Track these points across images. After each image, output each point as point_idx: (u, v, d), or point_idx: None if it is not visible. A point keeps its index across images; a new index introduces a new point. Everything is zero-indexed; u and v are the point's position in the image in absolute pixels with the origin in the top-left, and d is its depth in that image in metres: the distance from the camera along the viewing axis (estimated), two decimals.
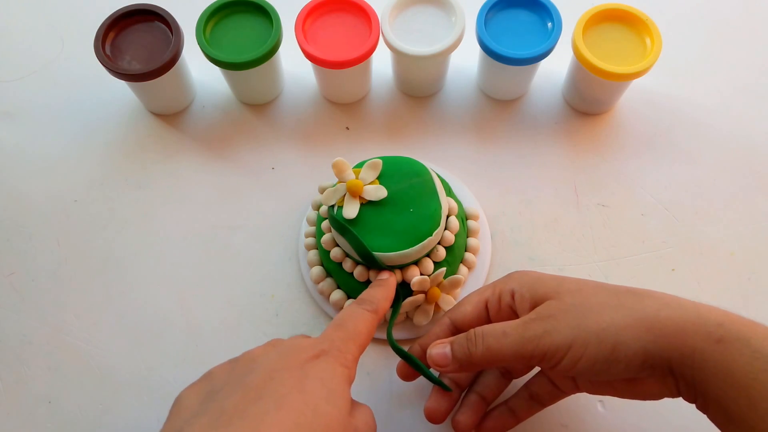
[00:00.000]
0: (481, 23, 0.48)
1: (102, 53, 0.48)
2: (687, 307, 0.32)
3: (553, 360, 0.33)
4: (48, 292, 0.48)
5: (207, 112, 0.54)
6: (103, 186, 0.51)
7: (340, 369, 0.32)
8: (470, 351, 0.35)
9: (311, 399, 0.29)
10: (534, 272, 0.38)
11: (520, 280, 0.37)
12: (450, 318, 0.39)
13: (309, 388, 0.30)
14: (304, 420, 0.28)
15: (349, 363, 0.32)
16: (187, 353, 0.46)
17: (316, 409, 0.29)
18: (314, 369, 0.31)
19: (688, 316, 0.31)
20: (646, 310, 0.32)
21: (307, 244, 0.47)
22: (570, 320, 0.33)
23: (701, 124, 0.53)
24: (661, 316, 0.32)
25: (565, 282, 0.35)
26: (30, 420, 0.44)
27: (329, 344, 0.33)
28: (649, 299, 0.33)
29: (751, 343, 0.30)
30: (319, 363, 0.31)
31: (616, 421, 0.43)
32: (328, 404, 0.30)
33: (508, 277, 0.38)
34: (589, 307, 0.33)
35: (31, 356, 0.46)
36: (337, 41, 0.49)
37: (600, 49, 0.48)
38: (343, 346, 0.33)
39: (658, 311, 0.32)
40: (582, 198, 0.50)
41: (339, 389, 0.31)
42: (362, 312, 0.36)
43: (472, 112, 0.54)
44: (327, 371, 0.31)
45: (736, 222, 0.49)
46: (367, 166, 0.43)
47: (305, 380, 0.30)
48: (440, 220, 0.42)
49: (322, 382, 0.30)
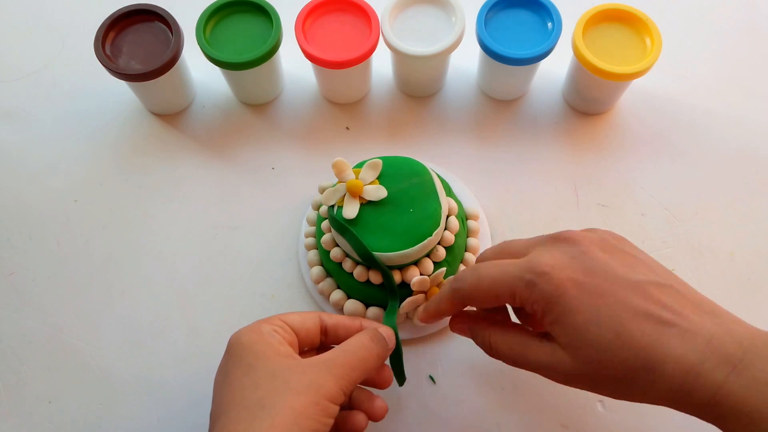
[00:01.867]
0: (481, 23, 0.48)
1: (102, 53, 0.48)
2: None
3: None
4: (48, 292, 0.48)
5: (207, 112, 0.54)
6: (103, 186, 0.51)
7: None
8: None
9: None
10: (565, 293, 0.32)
11: (544, 299, 0.32)
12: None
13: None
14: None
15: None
16: (187, 353, 0.46)
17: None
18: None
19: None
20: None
21: (307, 244, 0.47)
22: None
23: (701, 124, 0.53)
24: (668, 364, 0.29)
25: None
26: (30, 420, 0.44)
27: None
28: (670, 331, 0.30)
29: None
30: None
31: (616, 421, 0.43)
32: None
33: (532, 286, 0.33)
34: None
35: (31, 356, 0.46)
36: (337, 41, 0.49)
37: (600, 49, 0.48)
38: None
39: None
40: (582, 198, 0.50)
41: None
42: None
43: (472, 112, 0.54)
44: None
45: (736, 222, 0.49)
46: (367, 166, 0.43)
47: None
48: (440, 220, 0.42)
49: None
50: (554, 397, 0.44)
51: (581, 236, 0.33)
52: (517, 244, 0.37)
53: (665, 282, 0.32)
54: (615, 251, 0.33)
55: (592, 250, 0.32)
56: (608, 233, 0.35)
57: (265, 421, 0.31)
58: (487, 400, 0.44)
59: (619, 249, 0.33)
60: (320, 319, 0.38)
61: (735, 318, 0.31)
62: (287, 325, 0.36)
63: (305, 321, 0.37)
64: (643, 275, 0.31)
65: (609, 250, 0.33)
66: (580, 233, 0.34)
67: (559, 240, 0.33)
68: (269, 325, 0.36)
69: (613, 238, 0.35)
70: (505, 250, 0.37)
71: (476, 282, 0.34)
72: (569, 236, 0.33)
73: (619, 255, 0.33)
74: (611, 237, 0.35)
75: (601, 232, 0.35)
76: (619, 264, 0.32)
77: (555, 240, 0.33)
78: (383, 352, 0.37)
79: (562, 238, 0.33)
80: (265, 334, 0.35)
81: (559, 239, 0.33)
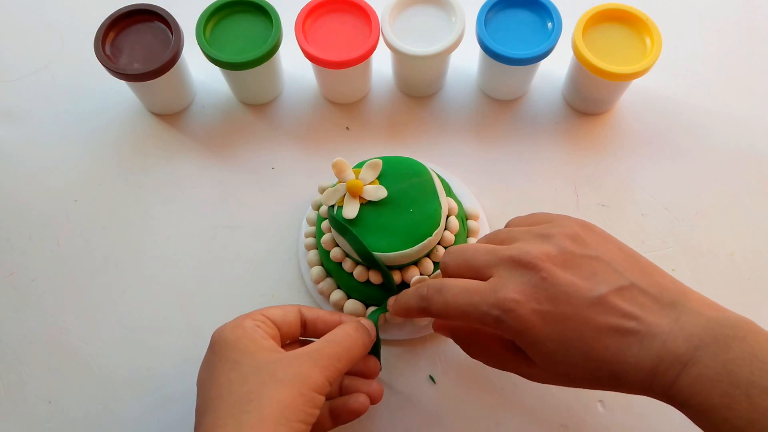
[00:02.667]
0: (481, 23, 0.48)
1: (102, 53, 0.48)
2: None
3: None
4: (48, 292, 0.48)
5: (207, 112, 0.54)
6: (103, 186, 0.51)
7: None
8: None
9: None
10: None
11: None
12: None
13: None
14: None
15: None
16: (187, 353, 0.46)
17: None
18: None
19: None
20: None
21: (307, 244, 0.47)
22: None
23: (701, 124, 0.53)
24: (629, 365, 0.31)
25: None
26: (30, 420, 0.44)
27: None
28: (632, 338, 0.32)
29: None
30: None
31: (616, 421, 0.43)
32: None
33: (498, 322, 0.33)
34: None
35: (31, 356, 0.46)
36: (337, 41, 0.49)
37: (600, 49, 0.48)
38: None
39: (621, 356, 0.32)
40: (582, 198, 0.50)
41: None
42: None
43: (472, 112, 0.54)
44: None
45: (736, 222, 0.49)
46: (367, 166, 0.43)
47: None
48: (440, 220, 0.42)
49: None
50: (554, 397, 0.44)
51: (543, 256, 0.33)
52: (502, 234, 0.38)
53: (626, 283, 0.33)
54: (579, 261, 0.34)
55: (554, 274, 0.33)
56: (579, 225, 0.36)
57: (253, 415, 0.31)
58: (487, 400, 0.44)
59: (583, 255, 0.34)
60: (300, 313, 0.39)
61: (694, 303, 0.32)
62: (269, 320, 0.37)
63: (286, 315, 0.38)
64: (605, 284, 0.33)
65: (572, 261, 0.34)
66: (539, 253, 0.34)
67: (522, 266, 0.34)
68: (252, 320, 0.36)
69: (583, 230, 0.35)
70: (493, 240, 0.38)
71: (443, 307, 0.35)
72: (530, 261, 0.33)
73: (583, 264, 0.34)
74: (581, 229, 0.35)
75: (571, 226, 0.35)
76: (582, 278, 0.33)
77: (518, 265, 0.34)
78: (367, 342, 0.38)
79: (525, 263, 0.33)
80: (249, 330, 0.36)
81: (522, 264, 0.34)
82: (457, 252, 0.37)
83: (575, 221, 0.36)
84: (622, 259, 0.34)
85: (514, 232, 0.37)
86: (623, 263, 0.34)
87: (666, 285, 0.33)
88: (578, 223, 0.36)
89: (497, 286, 0.33)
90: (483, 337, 0.38)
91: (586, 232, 0.35)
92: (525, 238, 0.36)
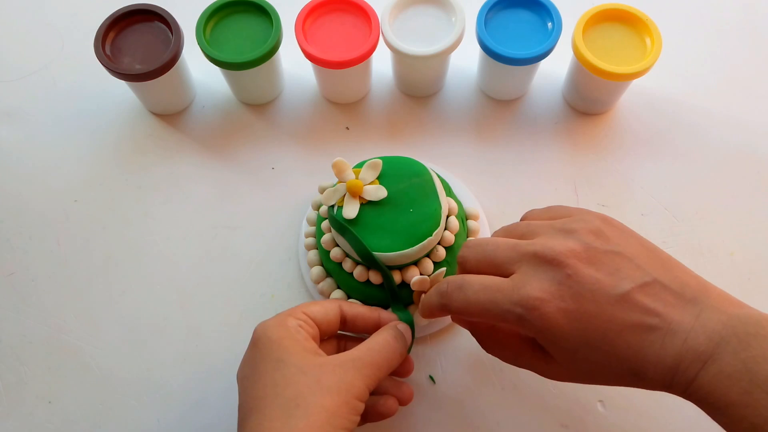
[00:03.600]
0: (481, 23, 0.48)
1: (102, 53, 0.48)
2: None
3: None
4: (48, 292, 0.48)
5: (207, 112, 0.54)
6: (103, 186, 0.51)
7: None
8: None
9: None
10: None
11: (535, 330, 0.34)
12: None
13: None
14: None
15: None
16: (187, 353, 0.46)
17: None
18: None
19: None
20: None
21: (307, 244, 0.47)
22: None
23: (701, 124, 0.53)
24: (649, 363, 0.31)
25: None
26: (30, 420, 0.44)
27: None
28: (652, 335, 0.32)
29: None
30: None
31: (616, 421, 0.43)
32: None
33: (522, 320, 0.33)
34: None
35: (31, 356, 0.46)
36: (337, 41, 0.49)
37: (600, 50, 0.48)
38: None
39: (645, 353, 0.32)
40: (582, 198, 0.50)
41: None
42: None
43: (472, 112, 0.54)
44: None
45: (736, 222, 0.49)
46: (367, 166, 0.43)
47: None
48: (440, 220, 0.42)
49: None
50: (554, 396, 0.44)
51: (567, 252, 0.33)
52: (521, 227, 0.37)
53: (649, 279, 0.33)
54: (602, 257, 0.33)
55: (579, 271, 0.33)
56: (600, 220, 0.35)
57: (301, 420, 0.32)
58: (487, 400, 0.44)
59: (607, 251, 0.33)
60: (341, 310, 0.39)
61: (715, 299, 0.32)
62: (310, 319, 0.38)
63: (327, 313, 0.39)
64: (629, 280, 0.32)
65: (596, 258, 0.33)
66: (564, 249, 0.33)
67: (546, 262, 0.33)
68: (294, 319, 0.37)
69: (605, 224, 0.35)
70: (512, 233, 0.37)
71: (464, 304, 0.35)
72: (555, 257, 0.33)
73: (607, 260, 0.33)
74: (603, 224, 0.35)
75: (593, 220, 0.35)
76: (606, 275, 0.33)
77: (541, 261, 0.33)
78: (405, 350, 0.38)
79: (549, 259, 0.33)
80: (292, 330, 0.36)
81: (547, 261, 0.33)
82: (476, 246, 0.36)
83: (596, 215, 0.36)
84: (644, 254, 0.34)
85: (533, 226, 0.36)
86: (645, 258, 0.34)
87: (687, 281, 0.33)
88: (599, 217, 0.36)
89: (520, 284, 0.33)
90: (501, 333, 0.38)
91: (607, 227, 0.35)
92: (547, 233, 0.35)
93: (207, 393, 0.45)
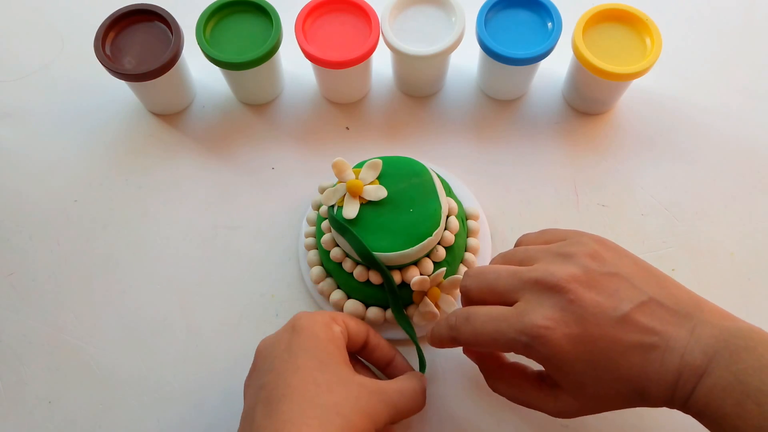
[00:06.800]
0: (481, 23, 0.48)
1: (102, 53, 0.48)
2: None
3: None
4: (48, 292, 0.48)
5: (207, 112, 0.54)
6: (103, 186, 0.51)
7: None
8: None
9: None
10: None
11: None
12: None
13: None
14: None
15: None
16: (187, 353, 0.46)
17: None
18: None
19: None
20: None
21: (307, 244, 0.47)
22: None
23: (701, 124, 0.53)
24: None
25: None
26: (30, 420, 0.44)
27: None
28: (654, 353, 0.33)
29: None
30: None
31: (616, 422, 0.43)
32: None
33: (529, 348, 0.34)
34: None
35: (31, 356, 0.46)
36: (337, 41, 0.49)
37: (600, 49, 0.48)
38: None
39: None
40: (582, 198, 0.50)
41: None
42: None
43: (472, 112, 0.54)
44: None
45: (736, 222, 0.49)
46: (367, 166, 0.43)
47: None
48: (440, 220, 0.42)
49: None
50: None
51: (568, 277, 0.34)
52: (519, 253, 0.38)
53: (646, 297, 0.33)
54: (601, 279, 0.34)
55: (580, 295, 0.33)
56: (595, 242, 0.36)
57: (340, 430, 0.32)
58: (487, 399, 0.44)
59: (604, 273, 0.34)
60: (368, 335, 0.40)
61: (708, 313, 0.33)
62: (347, 332, 0.38)
63: (359, 333, 0.40)
64: (627, 301, 0.33)
65: (595, 281, 0.34)
66: (565, 274, 0.34)
67: (548, 288, 0.34)
68: (337, 326, 0.38)
69: (600, 246, 0.36)
70: (511, 260, 0.38)
71: (472, 335, 0.36)
72: (557, 283, 0.33)
73: (605, 282, 0.34)
74: (599, 246, 0.36)
75: (588, 243, 0.36)
76: (606, 297, 0.33)
77: (543, 288, 0.34)
78: (422, 407, 0.39)
79: (551, 285, 0.34)
80: (337, 336, 0.37)
81: (549, 287, 0.34)
82: (478, 276, 0.37)
83: (590, 237, 0.36)
84: (639, 272, 0.35)
85: (531, 251, 0.37)
86: (640, 277, 0.34)
87: (681, 296, 0.34)
88: (594, 239, 0.36)
89: (524, 312, 0.34)
90: (507, 372, 0.39)
91: (603, 248, 0.35)
92: (545, 258, 0.36)
93: (207, 393, 0.45)
